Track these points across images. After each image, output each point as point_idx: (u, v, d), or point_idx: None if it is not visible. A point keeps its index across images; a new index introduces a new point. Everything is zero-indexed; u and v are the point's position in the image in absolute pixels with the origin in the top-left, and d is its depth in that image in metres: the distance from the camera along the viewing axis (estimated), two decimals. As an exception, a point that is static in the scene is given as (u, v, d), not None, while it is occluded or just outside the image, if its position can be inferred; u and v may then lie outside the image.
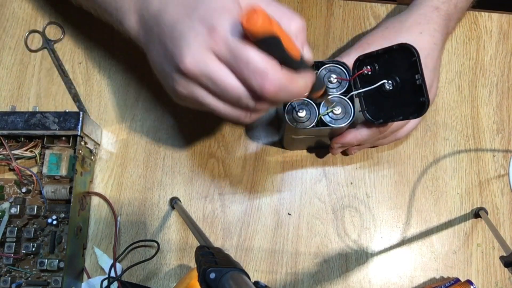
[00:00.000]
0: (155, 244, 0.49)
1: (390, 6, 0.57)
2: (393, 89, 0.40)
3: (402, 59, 0.39)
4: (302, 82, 0.33)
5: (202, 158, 0.52)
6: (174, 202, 0.49)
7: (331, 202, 0.52)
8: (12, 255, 0.46)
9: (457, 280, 0.48)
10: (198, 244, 0.36)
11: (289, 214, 0.51)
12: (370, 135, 0.44)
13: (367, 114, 0.43)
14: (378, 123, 0.42)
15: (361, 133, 0.44)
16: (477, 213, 0.51)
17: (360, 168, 0.53)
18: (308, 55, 0.35)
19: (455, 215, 0.52)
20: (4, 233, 0.46)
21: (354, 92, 0.42)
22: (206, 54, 0.32)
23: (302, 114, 0.42)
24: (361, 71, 0.42)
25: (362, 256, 0.50)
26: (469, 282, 0.47)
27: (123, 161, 0.52)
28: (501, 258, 0.41)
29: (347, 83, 0.43)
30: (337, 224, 0.51)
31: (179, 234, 0.50)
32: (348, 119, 0.42)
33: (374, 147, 0.53)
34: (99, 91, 0.53)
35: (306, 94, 0.35)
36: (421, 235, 0.51)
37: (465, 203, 0.52)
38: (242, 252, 0.50)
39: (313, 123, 0.42)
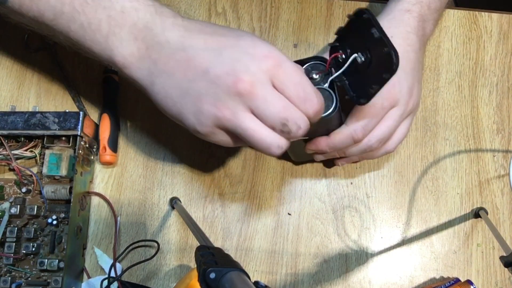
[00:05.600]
0: (155, 244, 0.49)
1: (390, 6, 0.57)
2: (365, 60, 0.39)
3: (364, 29, 0.38)
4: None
5: (202, 158, 0.52)
6: (174, 202, 0.49)
7: (331, 202, 0.52)
8: (12, 255, 0.46)
9: (457, 280, 0.48)
10: (198, 244, 0.36)
11: (289, 214, 0.51)
12: (341, 141, 0.43)
13: (356, 99, 0.41)
14: (363, 102, 0.40)
15: (332, 140, 0.43)
16: (477, 213, 0.51)
17: (360, 168, 0.53)
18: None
19: (455, 215, 0.52)
20: (4, 233, 0.46)
21: (332, 77, 0.41)
22: (263, 75, 0.35)
23: None
24: (334, 55, 0.41)
25: (362, 256, 0.50)
26: (469, 282, 0.47)
27: (123, 161, 0.52)
28: (501, 258, 0.41)
29: (329, 76, 0.42)
30: (337, 224, 0.51)
31: (179, 234, 0.50)
32: (331, 107, 0.40)
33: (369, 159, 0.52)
34: (99, 91, 0.53)
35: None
36: (421, 235, 0.51)
37: (465, 203, 0.52)
38: (242, 252, 0.50)
39: None
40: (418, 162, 0.53)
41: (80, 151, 0.47)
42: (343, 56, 0.40)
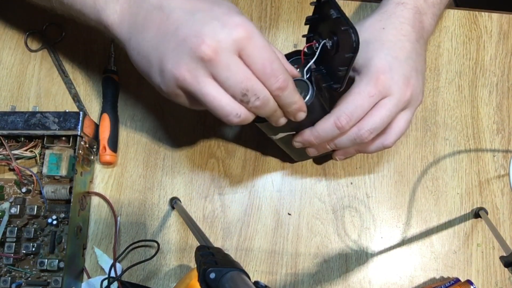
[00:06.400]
0: (155, 244, 0.49)
1: (390, 6, 0.57)
2: (333, 45, 0.38)
3: (326, 13, 0.38)
4: (298, 96, 0.38)
5: (202, 158, 0.52)
6: (174, 202, 0.49)
7: (331, 202, 0.52)
8: (12, 255, 0.46)
9: (457, 280, 0.48)
10: (198, 244, 0.36)
11: (289, 214, 0.51)
12: (325, 130, 0.42)
13: (331, 85, 0.40)
14: (336, 88, 0.40)
15: (316, 129, 0.42)
16: (477, 213, 0.51)
17: (360, 168, 0.53)
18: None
19: (455, 215, 0.52)
20: (4, 233, 0.46)
21: (306, 67, 0.41)
22: (230, 44, 0.34)
23: None
24: (307, 45, 0.41)
25: (362, 256, 0.50)
26: (469, 282, 0.47)
27: (123, 161, 0.52)
28: (501, 258, 0.41)
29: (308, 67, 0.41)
30: (337, 224, 0.51)
31: (179, 234, 0.50)
32: (307, 96, 0.40)
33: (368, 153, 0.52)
34: (99, 91, 0.53)
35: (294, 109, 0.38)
36: (421, 235, 0.51)
37: (465, 203, 0.52)
38: (242, 252, 0.50)
39: None
40: (418, 162, 0.53)
41: (80, 151, 0.47)
42: (317, 45, 0.40)
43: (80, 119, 0.47)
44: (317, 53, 0.39)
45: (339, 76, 0.38)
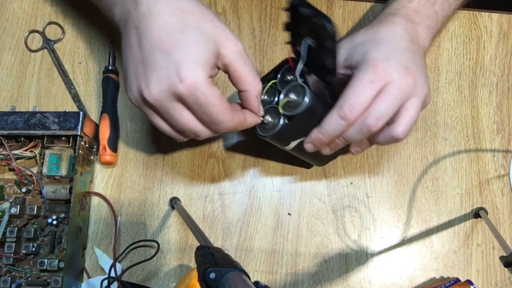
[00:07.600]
0: (155, 244, 0.49)
1: (390, 6, 0.57)
2: (316, 42, 0.38)
3: (299, 14, 0.38)
4: (250, 120, 0.42)
5: (202, 158, 0.52)
6: (174, 202, 0.49)
7: (331, 202, 0.52)
8: (12, 255, 0.46)
9: (457, 280, 0.48)
10: (198, 244, 0.36)
11: (289, 214, 0.51)
12: (332, 125, 0.41)
13: (325, 81, 0.41)
14: (329, 80, 0.40)
15: (323, 126, 0.42)
16: (477, 213, 0.51)
17: (360, 168, 0.53)
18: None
19: (455, 215, 0.52)
20: (4, 233, 0.46)
21: (298, 70, 0.41)
22: (170, 95, 0.37)
23: (267, 119, 0.42)
24: (294, 50, 0.42)
25: (362, 256, 0.50)
26: (469, 282, 0.47)
27: (123, 161, 0.52)
28: (501, 258, 0.41)
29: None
30: (337, 224, 0.51)
31: (179, 234, 0.50)
32: (306, 99, 0.40)
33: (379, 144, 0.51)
34: (99, 91, 0.53)
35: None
36: (421, 235, 0.51)
37: (465, 203, 0.52)
38: (242, 252, 0.50)
39: (281, 122, 0.42)
40: (418, 162, 0.53)
41: (80, 151, 0.47)
42: (302, 47, 0.40)
43: (80, 119, 0.47)
44: (302, 54, 0.40)
45: (329, 68, 0.39)
